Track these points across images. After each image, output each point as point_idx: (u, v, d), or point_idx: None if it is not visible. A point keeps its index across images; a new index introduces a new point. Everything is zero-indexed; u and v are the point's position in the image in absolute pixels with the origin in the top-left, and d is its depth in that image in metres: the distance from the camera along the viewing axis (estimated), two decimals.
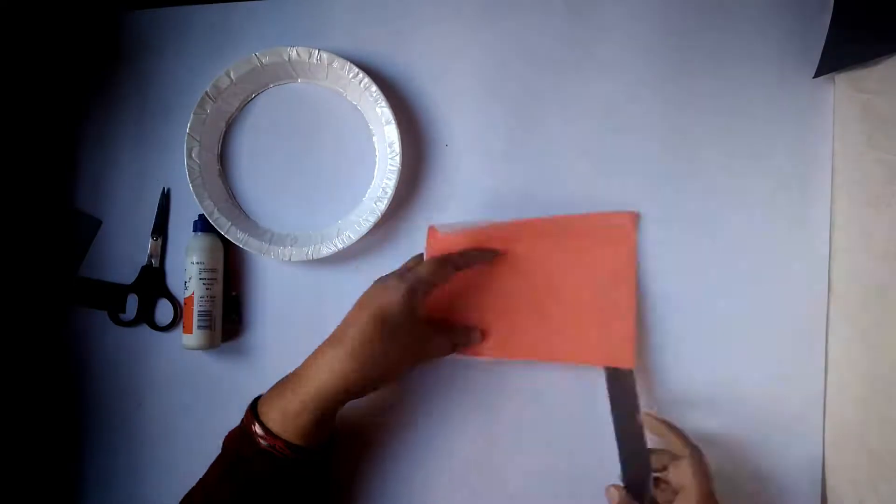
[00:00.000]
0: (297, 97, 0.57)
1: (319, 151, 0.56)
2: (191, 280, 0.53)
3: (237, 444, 0.44)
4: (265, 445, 0.43)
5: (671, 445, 0.47)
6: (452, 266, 0.49)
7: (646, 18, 0.54)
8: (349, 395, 0.45)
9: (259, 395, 0.47)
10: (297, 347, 0.55)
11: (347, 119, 0.56)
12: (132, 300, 0.57)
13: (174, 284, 0.57)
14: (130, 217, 0.58)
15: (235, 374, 0.56)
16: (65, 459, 0.57)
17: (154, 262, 0.57)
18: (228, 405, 0.55)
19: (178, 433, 0.56)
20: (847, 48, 0.49)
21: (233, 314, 0.56)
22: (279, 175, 0.57)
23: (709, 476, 0.44)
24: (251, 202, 0.57)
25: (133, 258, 0.57)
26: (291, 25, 0.57)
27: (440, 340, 0.49)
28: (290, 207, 0.56)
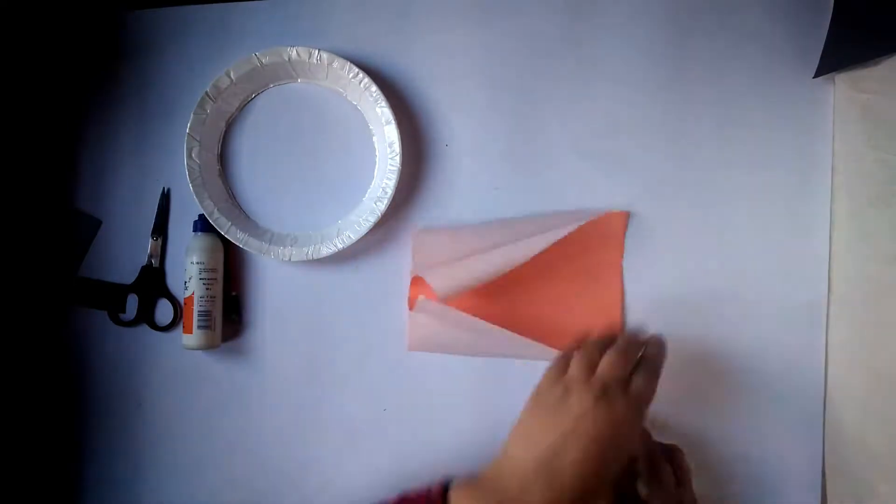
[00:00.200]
0: (297, 97, 0.57)
1: (319, 151, 0.56)
2: (191, 280, 0.53)
3: None
4: None
5: None
6: (660, 371, 0.43)
7: (646, 17, 0.54)
8: None
9: (447, 483, 0.41)
10: (297, 347, 0.56)
11: (347, 119, 0.56)
12: (132, 300, 0.57)
13: (174, 284, 0.57)
14: (130, 217, 0.58)
15: (235, 374, 0.56)
16: (65, 459, 0.57)
17: (154, 262, 0.57)
18: (228, 405, 0.56)
19: (178, 433, 0.56)
20: (847, 48, 0.49)
21: (233, 314, 0.56)
22: (279, 175, 0.57)
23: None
24: (251, 202, 0.57)
25: (133, 258, 0.57)
26: (291, 25, 0.57)
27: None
28: (290, 207, 0.56)
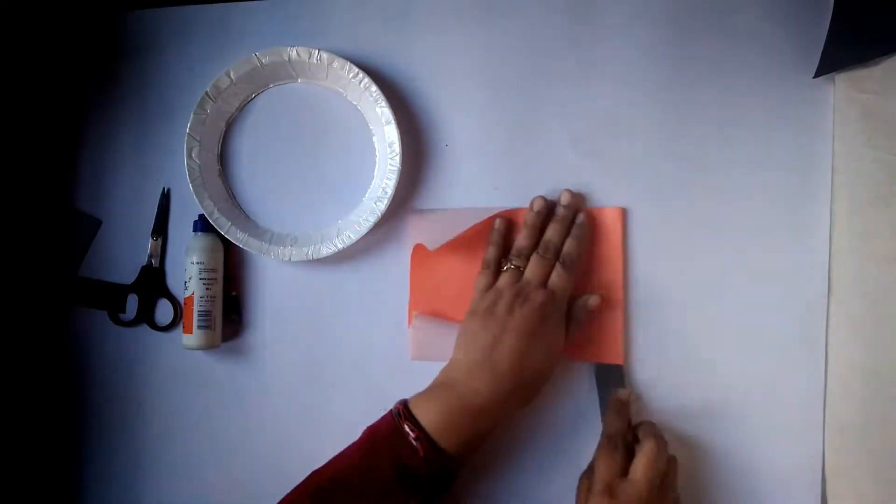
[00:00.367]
0: (297, 97, 0.57)
1: (320, 151, 0.56)
2: (191, 280, 0.53)
3: (389, 446, 0.44)
4: (434, 463, 0.43)
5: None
6: (577, 263, 0.51)
7: (646, 18, 0.54)
8: (515, 413, 0.48)
9: (405, 400, 0.46)
10: (297, 347, 0.56)
11: (347, 119, 0.56)
12: (132, 300, 0.57)
13: (174, 284, 0.57)
14: (130, 217, 0.58)
15: (235, 374, 0.56)
16: (65, 459, 0.57)
17: (154, 262, 0.57)
18: (228, 405, 0.56)
19: (178, 433, 0.56)
20: (847, 48, 0.49)
21: (233, 314, 0.56)
22: (279, 175, 0.57)
23: (653, 467, 0.44)
24: (251, 202, 0.57)
25: (133, 258, 0.57)
26: (291, 25, 0.57)
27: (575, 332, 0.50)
28: (290, 207, 0.56)
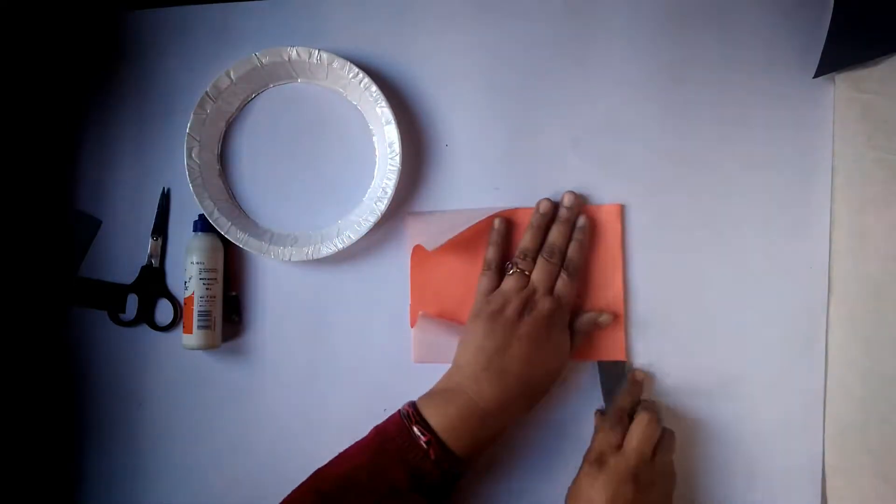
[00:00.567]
0: (297, 97, 0.57)
1: (319, 151, 0.56)
2: (191, 280, 0.53)
3: (399, 448, 0.44)
4: (446, 466, 0.44)
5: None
6: (580, 268, 0.52)
7: (646, 18, 0.54)
8: (522, 417, 0.49)
9: (413, 402, 0.47)
10: (297, 347, 0.56)
11: (347, 119, 0.56)
12: (132, 300, 0.57)
13: (174, 284, 0.57)
14: (130, 217, 0.58)
15: (235, 374, 0.56)
16: (65, 459, 0.57)
17: (154, 262, 0.57)
18: (228, 405, 0.56)
19: (178, 433, 0.56)
20: (847, 48, 0.49)
21: (233, 314, 0.56)
22: (279, 175, 0.57)
23: (644, 439, 0.46)
24: (251, 202, 0.57)
25: (133, 258, 0.57)
26: (291, 25, 0.57)
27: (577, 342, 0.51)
28: (290, 207, 0.56)
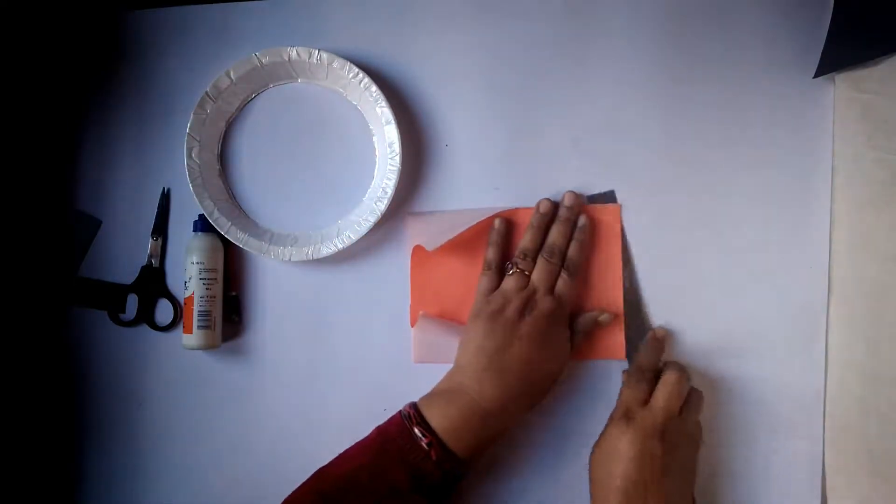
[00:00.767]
0: (297, 97, 0.57)
1: (319, 151, 0.56)
2: (191, 280, 0.53)
3: (400, 449, 0.45)
4: (445, 466, 0.44)
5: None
6: (581, 268, 0.52)
7: (646, 18, 0.54)
8: (523, 417, 0.49)
9: (415, 403, 0.47)
10: (297, 347, 0.56)
11: (347, 119, 0.56)
12: (132, 300, 0.57)
13: (174, 284, 0.57)
14: (130, 217, 0.58)
15: (235, 374, 0.56)
16: (65, 459, 0.57)
17: (154, 262, 0.57)
18: (228, 405, 0.56)
19: (178, 433, 0.56)
20: (847, 48, 0.49)
21: (233, 314, 0.56)
22: (279, 175, 0.57)
23: (672, 396, 0.45)
24: (251, 202, 0.57)
25: (133, 258, 0.57)
26: (291, 25, 0.57)
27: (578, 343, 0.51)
28: (290, 207, 0.56)
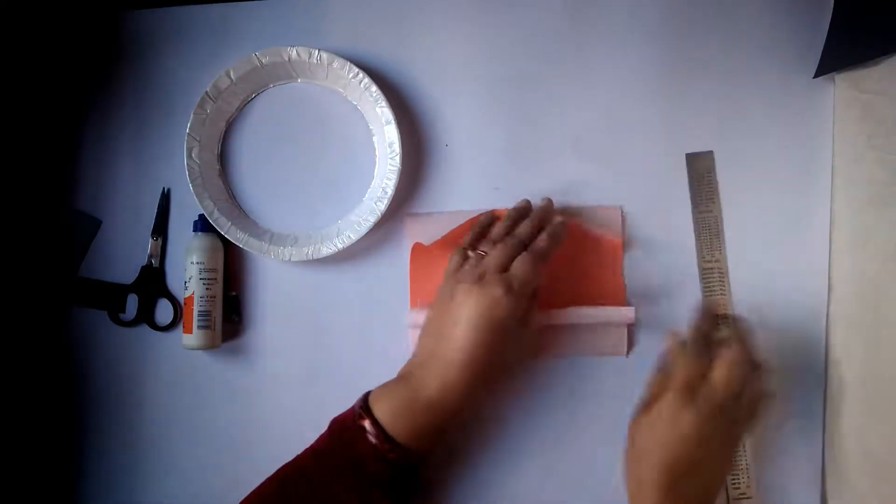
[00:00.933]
0: (297, 97, 0.57)
1: (319, 151, 0.56)
2: (191, 280, 0.53)
3: (351, 440, 0.45)
4: (391, 457, 0.43)
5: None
6: (546, 257, 0.47)
7: (645, 19, 0.54)
8: (467, 406, 0.46)
9: (366, 395, 0.46)
10: (297, 347, 0.56)
11: (347, 119, 0.56)
12: (132, 300, 0.57)
13: (174, 284, 0.57)
14: (130, 217, 0.57)
15: (235, 374, 0.56)
16: (64, 459, 0.56)
17: (154, 262, 0.57)
18: (228, 405, 0.56)
19: (178, 433, 0.56)
20: (847, 48, 0.49)
21: (233, 314, 0.56)
22: (279, 175, 0.57)
23: (733, 372, 0.42)
24: (251, 202, 0.57)
25: (133, 258, 0.57)
26: (291, 25, 0.57)
27: (535, 341, 0.49)
28: (290, 207, 0.56)
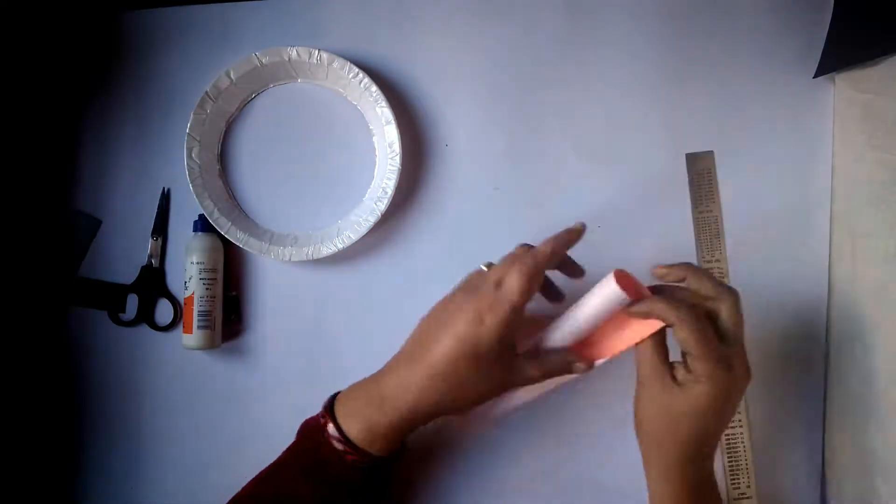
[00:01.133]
0: (297, 97, 0.57)
1: (319, 151, 0.56)
2: (191, 280, 0.53)
3: (315, 444, 0.44)
4: (350, 459, 0.42)
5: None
6: (541, 265, 0.41)
7: (645, 19, 0.54)
8: (437, 416, 0.43)
9: (334, 395, 0.45)
10: (297, 347, 0.56)
11: (347, 119, 0.56)
12: (132, 300, 0.57)
13: (174, 284, 0.57)
14: (130, 217, 0.57)
15: (235, 374, 0.56)
16: (64, 459, 0.56)
17: (154, 262, 0.57)
18: (228, 405, 0.56)
19: (178, 433, 0.56)
20: (847, 48, 0.49)
21: (233, 314, 0.56)
22: (279, 175, 0.57)
23: (741, 322, 0.39)
24: (251, 202, 0.57)
25: (133, 258, 0.57)
26: (291, 25, 0.57)
27: (530, 369, 0.43)
28: (290, 207, 0.56)
